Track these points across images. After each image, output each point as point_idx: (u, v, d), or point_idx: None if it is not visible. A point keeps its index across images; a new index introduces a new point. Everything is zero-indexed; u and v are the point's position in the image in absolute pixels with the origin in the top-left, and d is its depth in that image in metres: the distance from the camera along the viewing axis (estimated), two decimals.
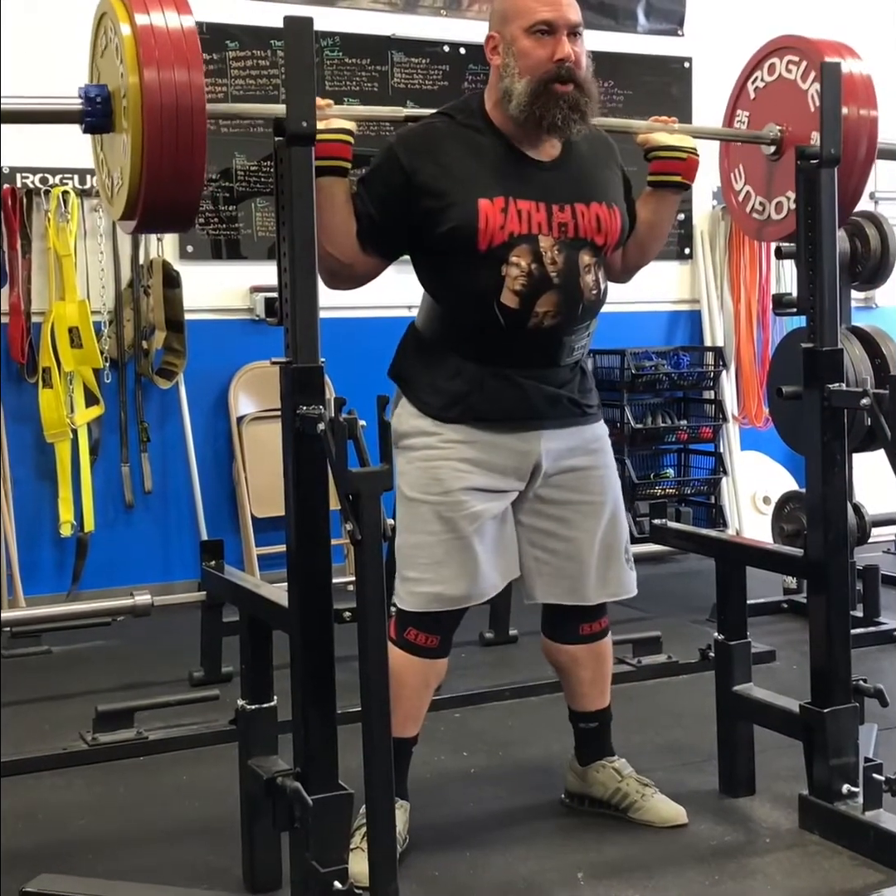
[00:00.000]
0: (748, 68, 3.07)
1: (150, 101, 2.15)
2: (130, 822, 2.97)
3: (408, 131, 2.63)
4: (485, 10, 5.60)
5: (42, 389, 4.77)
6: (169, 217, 2.33)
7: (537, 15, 2.56)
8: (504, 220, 2.53)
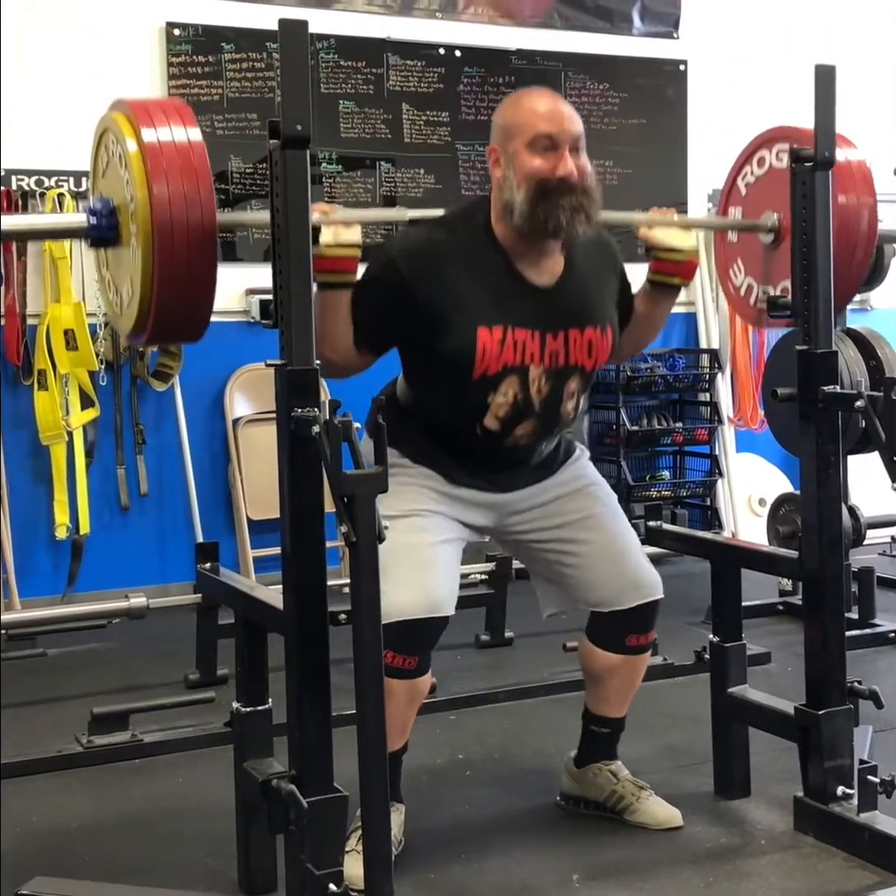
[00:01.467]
0: (736, 167, 3.08)
1: (160, 216, 2.16)
2: (126, 825, 2.96)
3: (409, 245, 2.61)
4: (480, 12, 5.62)
5: (37, 392, 4.77)
6: (180, 331, 2.37)
7: (539, 129, 2.52)
8: (500, 351, 2.56)
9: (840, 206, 2.79)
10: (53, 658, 4.32)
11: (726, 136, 5.98)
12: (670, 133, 6.00)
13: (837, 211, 2.76)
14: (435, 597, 2.55)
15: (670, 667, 3.94)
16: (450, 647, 4.16)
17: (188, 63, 5.08)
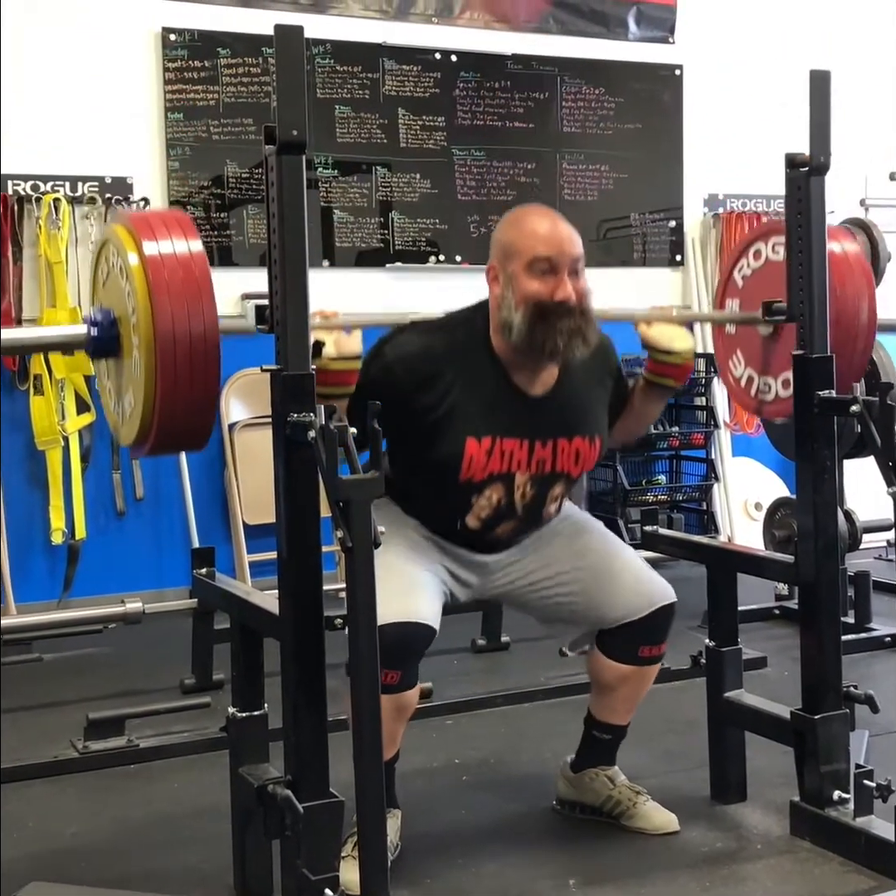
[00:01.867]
0: (732, 259, 3.11)
1: (162, 330, 2.17)
2: (121, 830, 2.96)
3: (407, 351, 2.60)
4: (476, 17, 5.62)
5: (33, 397, 4.77)
6: (182, 442, 2.38)
7: (538, 253, 2.54)
8: (487, 461, 2.60)
9: (838, 298, 2.80)
10: (49, 663, 4.32)
11: (722, 140, 6.05)
12: (666, 137, 6.01)
13: (835, 303, 2.77)
14: (415, 608, 2.55)
15: (666, 671, 3.91)
16: (446, 652, 4.16)
17: (184, 68, 5.08)
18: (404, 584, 2.58)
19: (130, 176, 4.97)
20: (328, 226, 5.37)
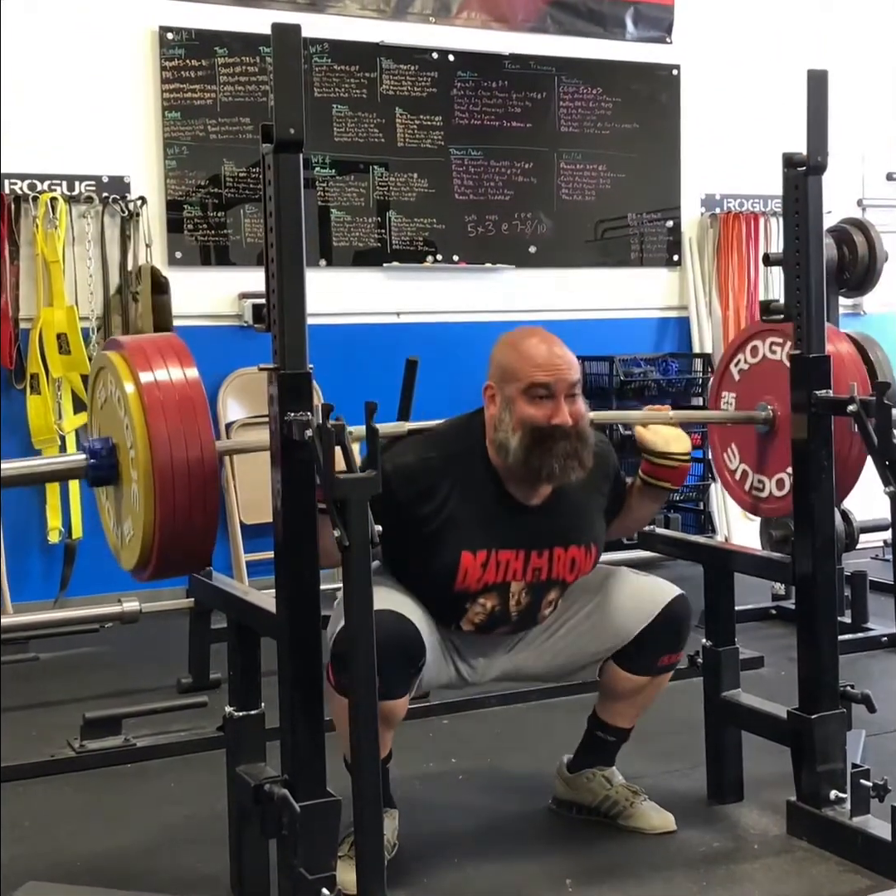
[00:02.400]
0: (729, 353, 3.13)
1: (160, 458, 2.19)
2: (118, 830, 2.96)
3: (403, 464, 2.59)
4: (473, 17, 5.63)
5: (30, 396, 4.77)
6: (183, 566, 2.40)
7: (535, 378, 2.56)
8: (482, 574, 2.61)
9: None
10: (46, 662, 4.32)
11: (719, 140, 6.05)
12: (663, 137, 6.01)
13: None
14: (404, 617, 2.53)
15: None
16: None
17: (181, 67, 5.08)
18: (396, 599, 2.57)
19: (127, 175, 4.97)
20: (325, 225, 5.37)
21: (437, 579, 2.62)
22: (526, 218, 5.73)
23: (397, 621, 2.50)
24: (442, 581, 2.61)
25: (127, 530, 2.35)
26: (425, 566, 2.61)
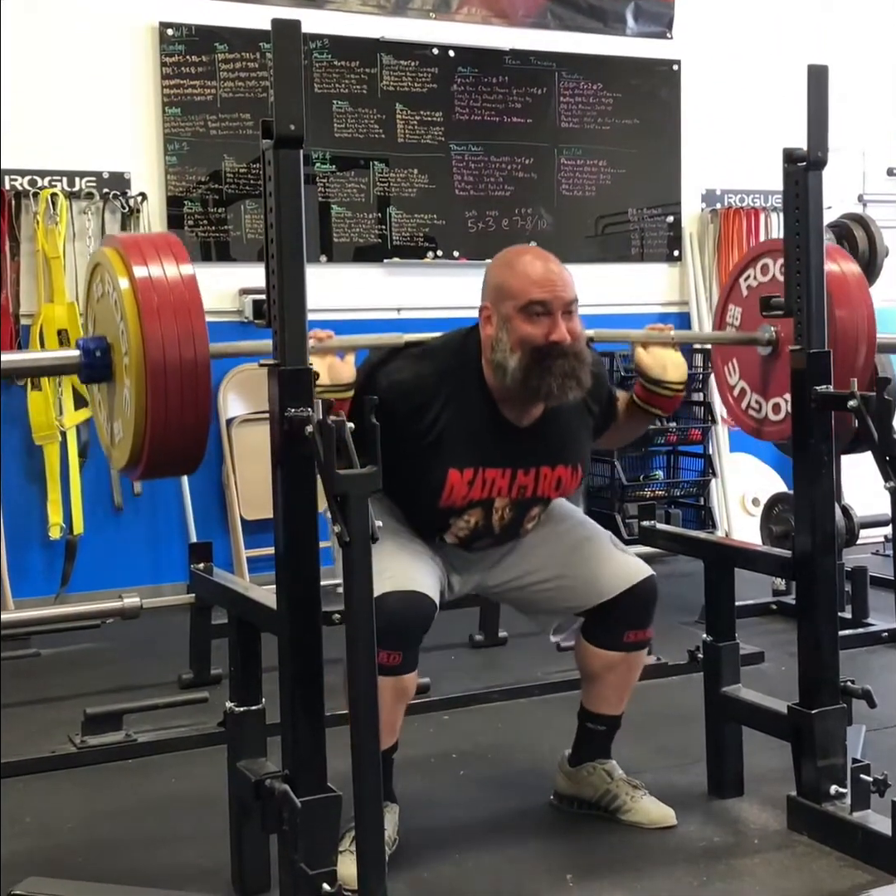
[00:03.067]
0: (740, 265, 3.09)
1: (153, 357, 2.17)
2: (119, 825, 2.96)
3: (398, 380, 2.61)
4: (474, 12, 5.62)
5: (31, 392, 4.77)
6: (174, 466, 2.39)
7: (532, 295, 2.55)
8: (468, 491, 2.64)
9: (837, 320, 2.80)
10: (47, 658, 4.32)
11: (720, 135, 6.05)
12: (664, 133, 6.01)
13: (833, 324, 2.77)
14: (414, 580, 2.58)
15: (664, 666, 3.95)
16: (444, 647, 4.17)
17: (181, 63, 5.07)
18: (402, 561, 2.61)
19: (128, 171, 4.96)
20: (326, 221, 5.36)
21: (423, 495, 2.64)
22: (526, 213, 5.73)
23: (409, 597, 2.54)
24: (428, 497, 2.64)
25: (118, 429, 2.32)
26: (413, 481, 2.63)
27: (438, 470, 2.61)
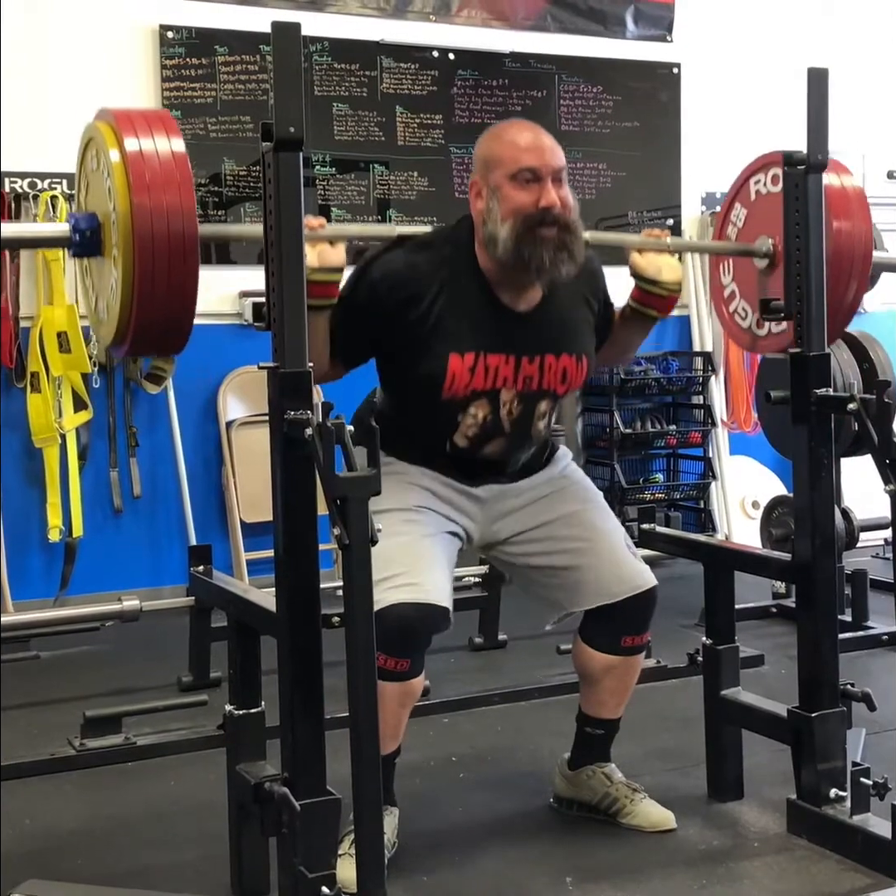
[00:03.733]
0: (752, 168, 3.05)
1: (141, 230, 2.15)
2: (118, 828, 2.96)
3: (391, 269, 2.60)
4: (474, 15, 5.62)
5: (30, 394, 4.77)
6: (160, 344, 2.36)
7: (521, 162, 2.53)
8: (470, 379, 2.59)
9: (835, 233, 2.79)
10: (46, 661, 4.32)
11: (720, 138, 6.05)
12: (664, 136, 6.01)
13: (832, 238, 2.76)
14: (427, 585, 2.55)
15: (663, 669, 3.95)
16: (443, 650, 4.16)
17: (181, 66, 5.08)
18: (413, 558, 2.57)
19: None
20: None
21: (425, 387, 2.59)
22: None
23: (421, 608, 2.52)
24: (430, 388, 2.58)
25: (106, 303, 2.30)
26: (414, 374, 2.59)
27: (438, 356, 2.56)
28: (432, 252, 2.63)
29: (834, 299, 2.77)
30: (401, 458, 2.70)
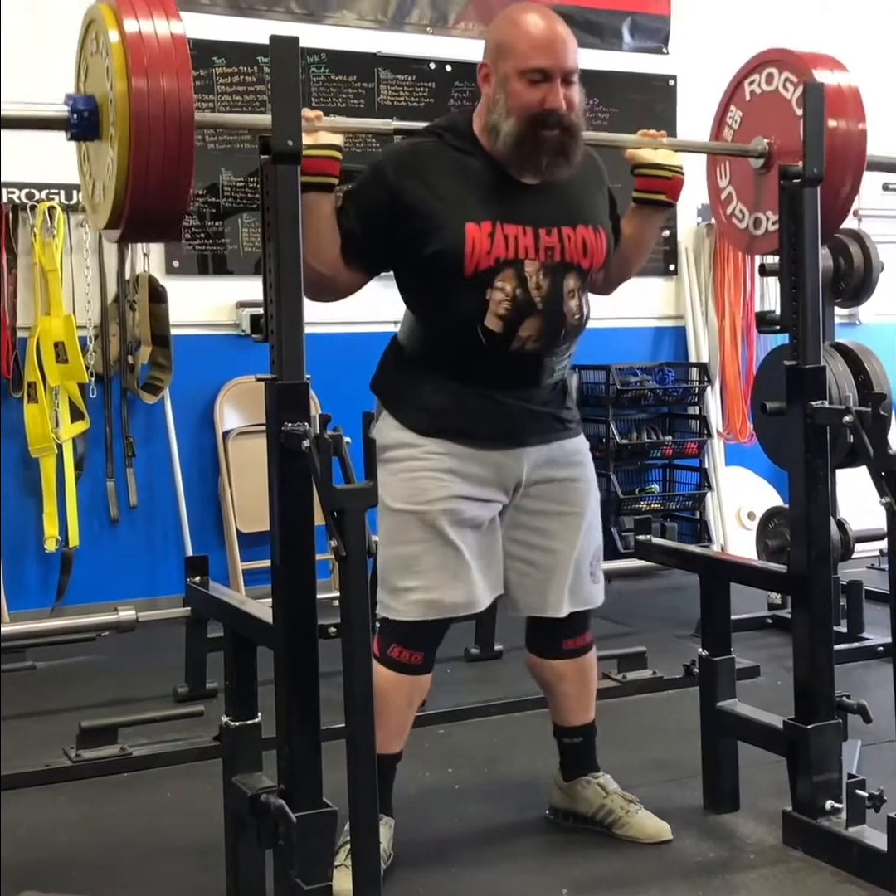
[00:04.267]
0: (746, 69, 3.04)
1: (137, 109, 2.15)
2: (114, 839, 2.96)
3: (396, 150, 2.62)
4: (471, 27, 5.63)
5: (27, 404, 4.77)
6: (155, 226, 2.32)
7: (533, 61, 2.52)
8: (490, 245, 2.53)
9: (830, 131, 2.80)
10: (42, 671, 4.31)
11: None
12: None
13: (827, 136, 2.76)
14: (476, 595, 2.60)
15: (659, 680, 3.95)
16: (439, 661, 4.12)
17: None
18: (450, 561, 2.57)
19: None
20: None
21: (449, 264, 2.53)
22: None
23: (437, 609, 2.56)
24: (453, 264, 2.52)
25: (102, 186, 2.29)
26: (434, 254, 2.54)
27: (455, 228, 2.52)
28: (434, 137, 2.63)
29: (830, 196, 2.78)
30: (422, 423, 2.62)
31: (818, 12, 6.39)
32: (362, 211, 2.56)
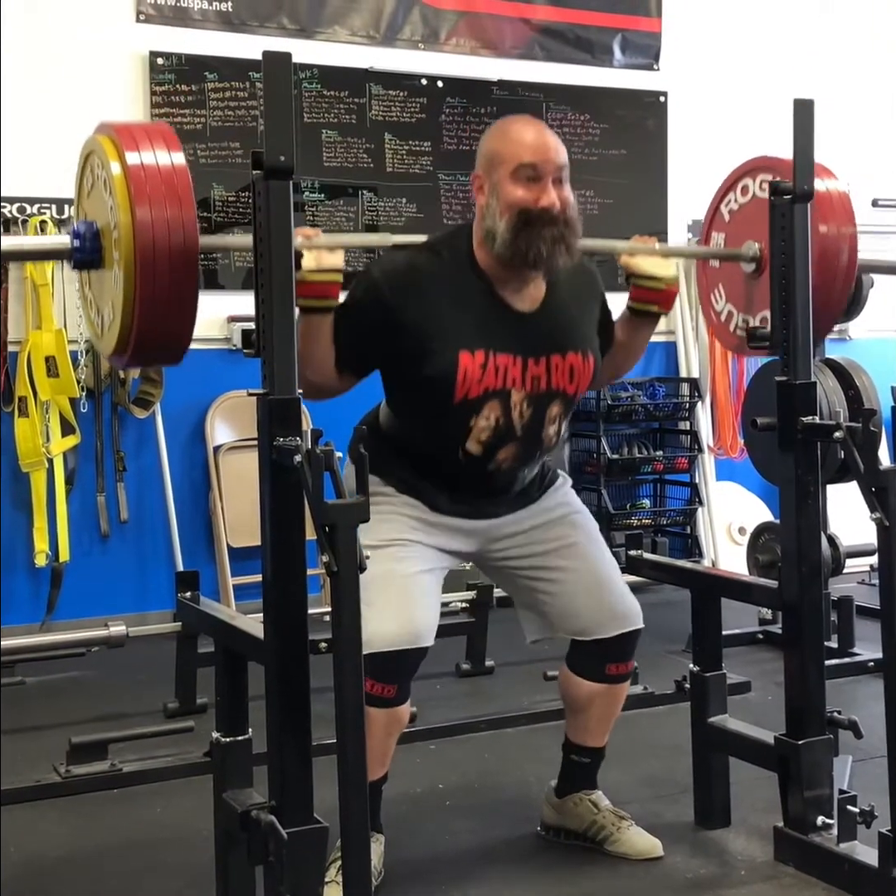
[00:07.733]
0: (720, 193, 3.08)
1: (142, 240, 2.17)
2: (104, 855, 2.95)
3: (392, 267, 2.61)
4: (462, 43, 5.65)
5: (18, 418, 4.76)
6: (161, 353, 2.37)
7: (523, 160, 2.55)
8: (482, 376, 2.57)
9: (820, 237, 2.82)
10: (32, 686, 4.30)
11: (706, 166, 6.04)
12: (651, 164, 6.04)
13: (818, 241, 2.79)
14: (415, 628, 2.55)
15: (650, 696, 3.95)
16: (430, 676, 4.15)
17: (171, 92, 5.10)
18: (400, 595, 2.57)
19: None
20: None
21: (437, 388, 2.55)
22: None
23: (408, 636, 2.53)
24: (442, 389, 2.55)
25: (107, 315, 2.32)
26: (425, 377, 2.56)
27: (449, 354, 2.54)
28: (432, 254, 2.64)
29: (820, 302, 2.78)
30: (396, 483, 2.69)
31: (818, 12, 6.42)
32: (357, 327, 2.56)
